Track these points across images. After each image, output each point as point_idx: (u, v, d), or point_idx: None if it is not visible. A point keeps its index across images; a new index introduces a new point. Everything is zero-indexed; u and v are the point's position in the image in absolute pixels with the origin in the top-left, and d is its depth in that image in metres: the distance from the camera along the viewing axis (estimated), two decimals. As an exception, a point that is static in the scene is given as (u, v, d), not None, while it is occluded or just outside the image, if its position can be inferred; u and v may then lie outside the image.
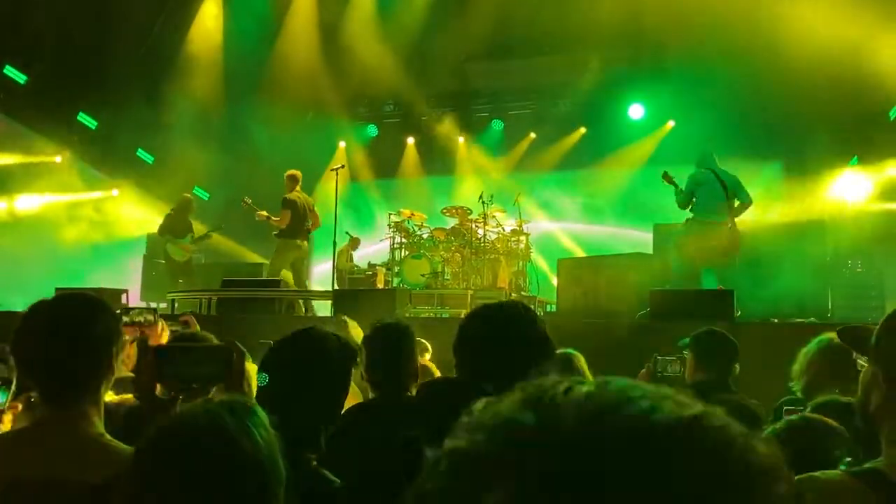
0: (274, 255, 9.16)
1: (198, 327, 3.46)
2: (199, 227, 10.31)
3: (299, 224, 9.01)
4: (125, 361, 2.20)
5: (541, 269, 10.63)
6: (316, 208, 9.41)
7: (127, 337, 1.83)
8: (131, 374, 1.88)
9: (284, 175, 9.22)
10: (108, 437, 1.62)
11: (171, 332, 3.30)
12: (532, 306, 9.97)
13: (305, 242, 9.28)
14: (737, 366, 3.36)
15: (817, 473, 1.34)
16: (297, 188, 9.12)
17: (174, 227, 9.59)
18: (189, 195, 10.04)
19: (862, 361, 1.44)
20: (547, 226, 12.42)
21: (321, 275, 13.08)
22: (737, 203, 7.20)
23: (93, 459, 1.54)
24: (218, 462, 1.09)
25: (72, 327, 1.65)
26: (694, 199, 7.21)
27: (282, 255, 9.03)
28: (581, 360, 3.59)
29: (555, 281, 9.20)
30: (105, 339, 1.68)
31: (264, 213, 9.07)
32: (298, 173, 9.23)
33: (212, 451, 1.10)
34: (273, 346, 1.90)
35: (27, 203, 12.58)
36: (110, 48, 10.68)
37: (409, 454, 1.46)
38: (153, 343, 2.21)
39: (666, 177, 7.37)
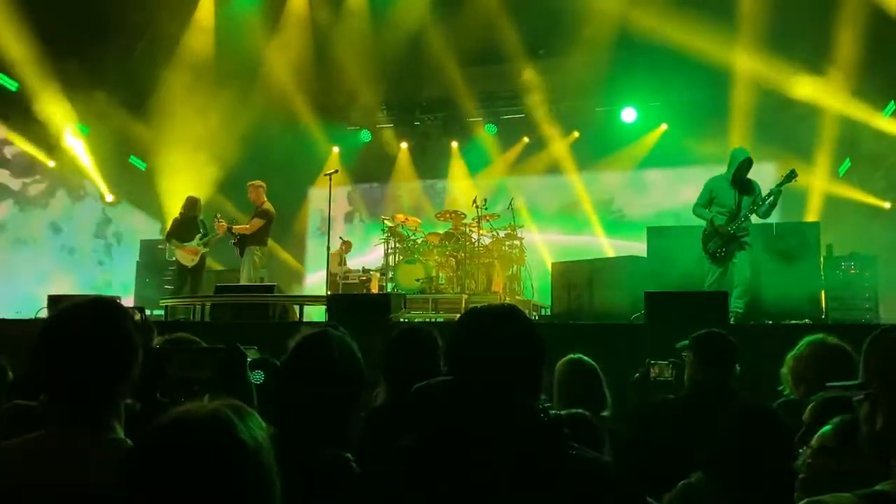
0: (247, 264, 9.21)
1: None
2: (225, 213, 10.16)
3: (268, 233, 9.38)
4: None
5: (535, 272, 10.62)
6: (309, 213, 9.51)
7: None
8: None
9: (252, 184, 9.39)
10: (129, 442, 1.58)
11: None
12: (527, 310, 9.95)
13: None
14: (737, 366, 3.37)
15: (826, 497, 1.34)
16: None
17: (180, 230, 9.51)
18: (195, 196, 9.94)
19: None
20: (541, 229, 12.42)
21: (315, 281, 13.05)
22: None
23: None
24: (222, 458, 1.07)
25: (95, 336, 1.61)
26: None
27: (257, 262, 9.26)
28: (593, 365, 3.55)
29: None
30: (128, 345, 1.65)
31: (224, 223, 9.24)
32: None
33: (216, 446, 1.08)
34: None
35: (18, 209, 12.53)
36: (102, 56, 10.65)
37: None
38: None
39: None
